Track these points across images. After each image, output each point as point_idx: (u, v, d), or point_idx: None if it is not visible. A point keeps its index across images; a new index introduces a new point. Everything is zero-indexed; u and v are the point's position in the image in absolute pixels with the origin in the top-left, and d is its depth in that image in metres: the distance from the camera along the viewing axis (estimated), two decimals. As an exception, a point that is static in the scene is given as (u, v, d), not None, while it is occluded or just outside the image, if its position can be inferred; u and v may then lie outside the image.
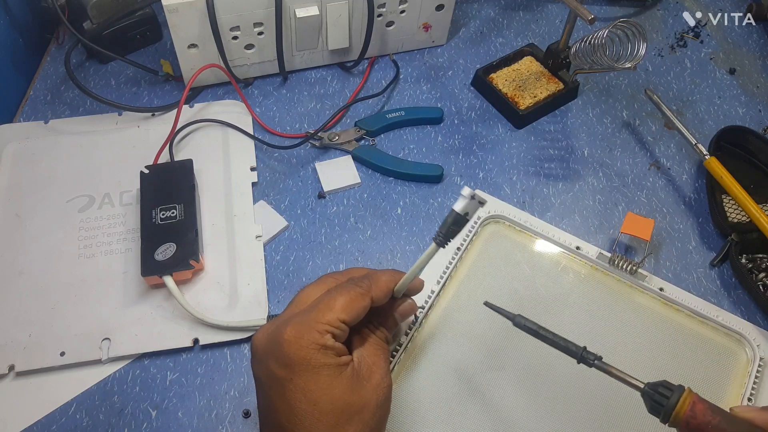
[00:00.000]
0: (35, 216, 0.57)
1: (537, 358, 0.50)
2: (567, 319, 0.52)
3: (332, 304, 0.39)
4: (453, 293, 0.54)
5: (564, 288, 0.54)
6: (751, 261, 0.57)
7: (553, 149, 0.65)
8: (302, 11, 0.62)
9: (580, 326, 0.52)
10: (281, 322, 0.39)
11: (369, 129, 0.65)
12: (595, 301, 0.54)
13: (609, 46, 0.57)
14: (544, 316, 0.52)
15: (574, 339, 0.45)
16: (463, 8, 0.78)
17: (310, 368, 0.37)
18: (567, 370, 0.48)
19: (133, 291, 0.53)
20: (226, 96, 0.68)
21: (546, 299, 0.53)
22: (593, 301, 0.54)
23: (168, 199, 0.55)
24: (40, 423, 0.48)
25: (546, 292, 0.54)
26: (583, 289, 0.54)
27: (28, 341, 0.50)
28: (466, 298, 0.54)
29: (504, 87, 0.68)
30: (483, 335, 0.51)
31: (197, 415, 0.49)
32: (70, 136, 0.63)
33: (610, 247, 0.58)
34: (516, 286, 0.54)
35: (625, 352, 0.51)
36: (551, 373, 0.49)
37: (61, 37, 0.73)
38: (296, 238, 0.58)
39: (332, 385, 0.37)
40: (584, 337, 0.51)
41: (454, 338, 0.51)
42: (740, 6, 0.80)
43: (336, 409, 0.37)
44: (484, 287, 0.54)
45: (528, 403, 0.48)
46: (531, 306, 0.53)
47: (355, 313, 0.40)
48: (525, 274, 0.55)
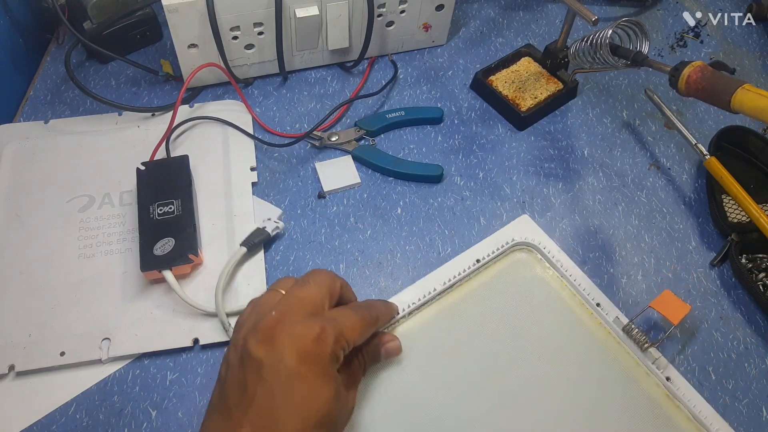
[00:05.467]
0: (35, 216, 0.57)
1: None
2: (558, 371, 0.49)
3: (353, 326, 0.40)
4: (444, 307, 0.52)
5: (567, 339, 0.51)
6: (751, 261, 0.57)
7: (553, 149, 0.65)
8: (302, 11, 0.62)
9: (569, 385, 0.49)
10: (304, 316, 0.39)
11: (369, 129, 0.65)
12: (595, 365, 0.50)
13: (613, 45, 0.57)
14: (537, 361, 0.49)
15: (561, 395, 0.46)
16: (463, 8, 0.78)
17: (320, 371, 0.37)
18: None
19: (133, 291, 0.53)
20: (226, 96, 0.68)
21: (545, 344, 0.50)
22: (592, 363, 0.50)
23: (165, 195, 0.55)
24: (40, 423, 0.48)
25: (548, 336, 0.51)
26: (587, 349, 0.51)
27: (28, 341, 0.50)
28: (456, 314, 0.52)
29: (504, 89, 0.68)
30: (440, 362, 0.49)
31: (197, 415, 0.48)
32: (70, 136, 0.63)
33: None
34: (519, 320, 0.51)
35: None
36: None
37: (61, 37, 0.73)
38: (296, 238, 0.58)
39: (323, 394, 0.37)
40: (570, 399, 0.48)
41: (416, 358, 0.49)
42: (740, 6, 0.80)
43: (314, 416, 0.37)
44: (483, 308, 0.52)
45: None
46: (527, 346, 0.50)
47: (363, 339, 0.42)
48: (534, 310, 0.52)
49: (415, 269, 0.56)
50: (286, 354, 0.37)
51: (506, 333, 0.51)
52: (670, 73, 0.51)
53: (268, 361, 0.37)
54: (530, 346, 0.50)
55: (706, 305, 0.55)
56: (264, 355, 0.37)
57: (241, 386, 0.37)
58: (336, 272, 0.56)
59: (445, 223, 0.59)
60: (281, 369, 0.36)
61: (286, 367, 0.36)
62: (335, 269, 0.56)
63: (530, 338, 0.51)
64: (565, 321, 0.52)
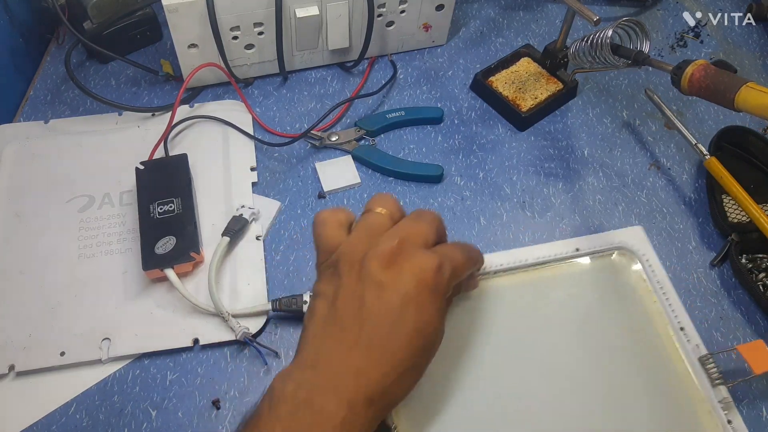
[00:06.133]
0: (35, 216, 0.57)
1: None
2: (621, 382, 0.48)
3: (463, 264, 0.42)
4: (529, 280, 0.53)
5: (638, 353, 0.49)
6: (751, 261, 0.57)
7: (553, 149, 0.65)
8: (302, 11, 0.62)
9: (626, 398, 0.47)
10: (422, 247, 0.40)
11: (369, 129, 0.65)
12: (660, 386, 0.48)
13: (613, 45, 0.57)
14: (601, 364, 0.48)
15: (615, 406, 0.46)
16: (463, 8, 0.78)
17: (434, 301, 0.39)
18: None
19: (133, 291, 0.53)
20: (226, 96, 0.68)
21: (614, 350, 0.49)
22: (658, 384, 0.48)
23: (165, 194, 0.55)
24: (40, 423, 0.48)
25: (620, 344, 0.50)
26: (656, 369, 0.49)
27: (28, 341, 0.50)
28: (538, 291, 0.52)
29: (504, 90, 0.67)
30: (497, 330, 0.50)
31: (197, 415, 0.48)
32: (70, 136, 0.63)
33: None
34: (596, 319, 0.51)
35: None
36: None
37: (61, 37, 0.73)
38: (296, 238, 0.58)
39: (434, 323, 0.39)
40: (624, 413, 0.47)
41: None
42: (740, 6, 0.80)
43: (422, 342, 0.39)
44: (564, 295, 0.52)
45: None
46: (595, 347, 0.49)
47: (467, 275, 0.44)
48: (615, 315, 0.51)
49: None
50: (408, 281, 0.38)
51: (578, 326, 0.50)
52: (673, 72, 0.51)
53: (390, 285, 0.38)
54: (598, 347, 0.50)
55: (706, 305, 0.55)
56: (386, 279, 0.38)
57: (359, 301, 0.38)
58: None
59: (445, 223, 0.59)
60: (402, 294, 0.37)
61: (407, 293, 0.37)
62: (335, 269, 0.56)
63: (600, 340, 0.50)
64: (642, 334, 0.51)
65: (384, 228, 0.41)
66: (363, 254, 0.39)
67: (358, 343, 0.37)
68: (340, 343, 0.38)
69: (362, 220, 0.43)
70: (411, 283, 0.38)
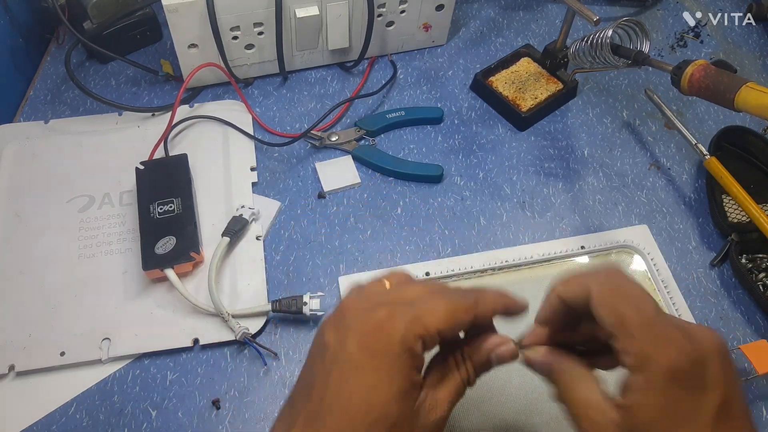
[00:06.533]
0: (35, 216, 0.57)
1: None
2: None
3: (435, 309, 0.33)
4: (532, 276, 0.53)
5: None
6: (751, 261, 0.57)
7: (553, 149, 0.65)
8: (302, 11, 0.62)
9: None
10: (376, 303, 0.34)
11: (369, 129, 0.65)
12: None
13: (613, 45, 0.57)
14: None
15: None
16: (463, 8, 0.78)
17: (381, 363, 0.32)
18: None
19: (133, 291, 0.53)
20: (226, 96, 0.68)
21: None
22: None
23: (165, 194, 0.55)
24: (40, 423, 0.48)
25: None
26: None
27: (28, 341, 0.50)
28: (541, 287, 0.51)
29: (504, 90, 0.67)
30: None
31: (197, 415, 0.48)
32: (70, 136, 0.63)
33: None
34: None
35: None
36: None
37: (61, 37, 0.73)
38: (296, 238, 0.58)
39: (383, 391, 0.32)
40: None
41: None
42: (740, 6, 0.80)
43: (365, 415, 0.31)
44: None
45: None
46: None
47: (455, 326, 0.34)
48: None
49: (416, 269, 0.56)
50: (349, 340, 0.32)
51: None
52: (673, 72, 0.51)
53: (332, 347, 0.33)
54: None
55: (706, 305, 0.55)
56: (329, 340, 0.33)
57: (308, 372, 0.35)
58: (336, 272, 0.56)
59: (445, 223, 0.59)
60: (342, 356, 0.32)
61: (347, 354, 0.32)
62: (335, 269, 0.56)
63: None
64: None
65: (377, 295, 0.36)
66: (326, 317, 0.35)
67: (294, 425, 0.32)
68: (283, 423, 0.34)
69: (361, 286, 0.38)
70: (352, 342, 0.32)
